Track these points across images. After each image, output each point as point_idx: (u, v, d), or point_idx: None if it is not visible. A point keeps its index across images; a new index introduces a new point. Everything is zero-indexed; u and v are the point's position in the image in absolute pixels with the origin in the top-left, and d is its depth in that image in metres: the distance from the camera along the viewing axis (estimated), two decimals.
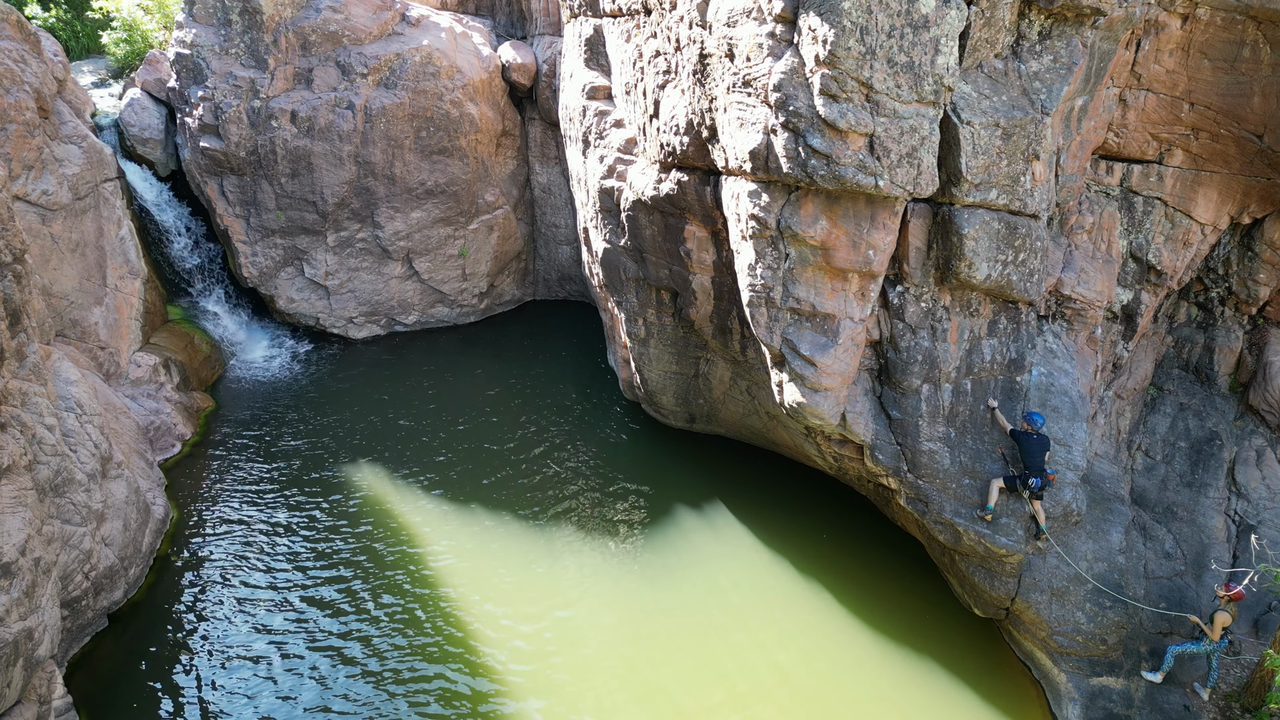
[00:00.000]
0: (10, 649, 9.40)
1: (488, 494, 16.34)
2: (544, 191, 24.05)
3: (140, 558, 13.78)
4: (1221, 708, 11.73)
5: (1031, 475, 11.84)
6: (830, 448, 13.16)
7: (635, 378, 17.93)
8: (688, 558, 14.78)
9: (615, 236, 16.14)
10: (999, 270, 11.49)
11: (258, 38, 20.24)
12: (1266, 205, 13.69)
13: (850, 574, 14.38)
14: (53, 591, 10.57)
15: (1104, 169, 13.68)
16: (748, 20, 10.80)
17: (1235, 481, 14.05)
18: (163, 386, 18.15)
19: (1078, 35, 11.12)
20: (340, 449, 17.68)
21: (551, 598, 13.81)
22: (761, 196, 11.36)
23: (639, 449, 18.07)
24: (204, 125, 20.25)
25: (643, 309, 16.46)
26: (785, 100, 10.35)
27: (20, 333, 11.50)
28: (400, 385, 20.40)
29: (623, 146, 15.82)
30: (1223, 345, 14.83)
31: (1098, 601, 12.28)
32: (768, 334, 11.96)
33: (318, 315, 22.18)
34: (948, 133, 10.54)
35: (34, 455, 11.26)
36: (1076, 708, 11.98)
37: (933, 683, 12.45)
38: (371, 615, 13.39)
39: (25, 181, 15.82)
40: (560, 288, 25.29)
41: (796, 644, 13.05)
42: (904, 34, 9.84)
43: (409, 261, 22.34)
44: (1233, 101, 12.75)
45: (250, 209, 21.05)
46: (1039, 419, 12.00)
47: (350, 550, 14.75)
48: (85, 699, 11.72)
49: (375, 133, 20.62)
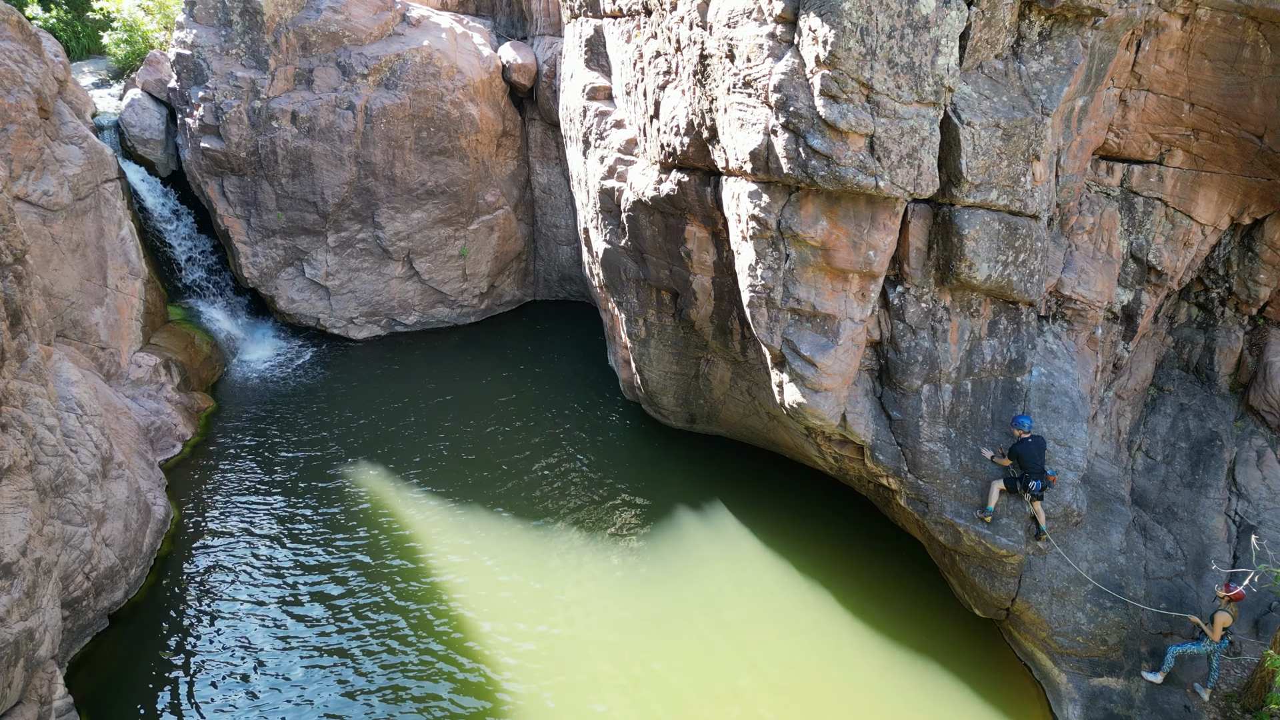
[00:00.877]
0: (11, 649, 9.41)
1: (487, 494, 16.35)
2: (544, 192, 24.06)
3: (141, 558, 13.78)
4: (1222, 708, 11.73)
5: (1032, 478, 11.84)
6: (830, 448, 13.16)
7: (635, 378, 17.94)
8: (688, 558, 14.79)
9: (616, 237, 16.14)
10: (999, 271, 11.49)
11: (258, 38, 20.26)
12: (1267, 205, 13.69)
13: (851, 574, 14.39)
14: (53, 592, 10.58)
15: (1104, 169, 13.68)
16: (748, 21, 10.80)
17: (1235, 482, 14.05)
18: (163, 387, 18.16)
19: (1078, 36, 11.13)
20: (340, 449, 17.69)
21: (551, 597, 13.81)
22: (762, 197, 11.36)
23: (639, 449, 18.08)
24: (204, 126, 20.26)
25: (643, 309, 16.46)
26: (786, 101, 10.36)
27: (21, 333, 11.51)
28: (401, 386, 20.41)
29: (623, 147, 15.83)
30: (1223, 345, 14.83)
31: (1098, 602, 12.28)
32: (768, 334, 11.96)
33: (318, 315, 22.19)
34: (948, 133, 10.55)
35: (35, 456, 11.27)
36: (1077, 708, 11.98)
37: (933, 683, 12.45)
38: (372, 615, 13.39)
39: (26, 182, 15.83)
40: (561, 288, 25.30)
41: (797, 644, 13.05)
42: (904, 34, 9.85)
43: (409, 262, 22.36)
44: (1233, 102, 12.76)
45: (251, 209, 21.07)
46: (1026, 421, 11.88)
47: (351, 550, 14.76)
48: (86, 699, 11.73)
49: (376, 133, 20.63)
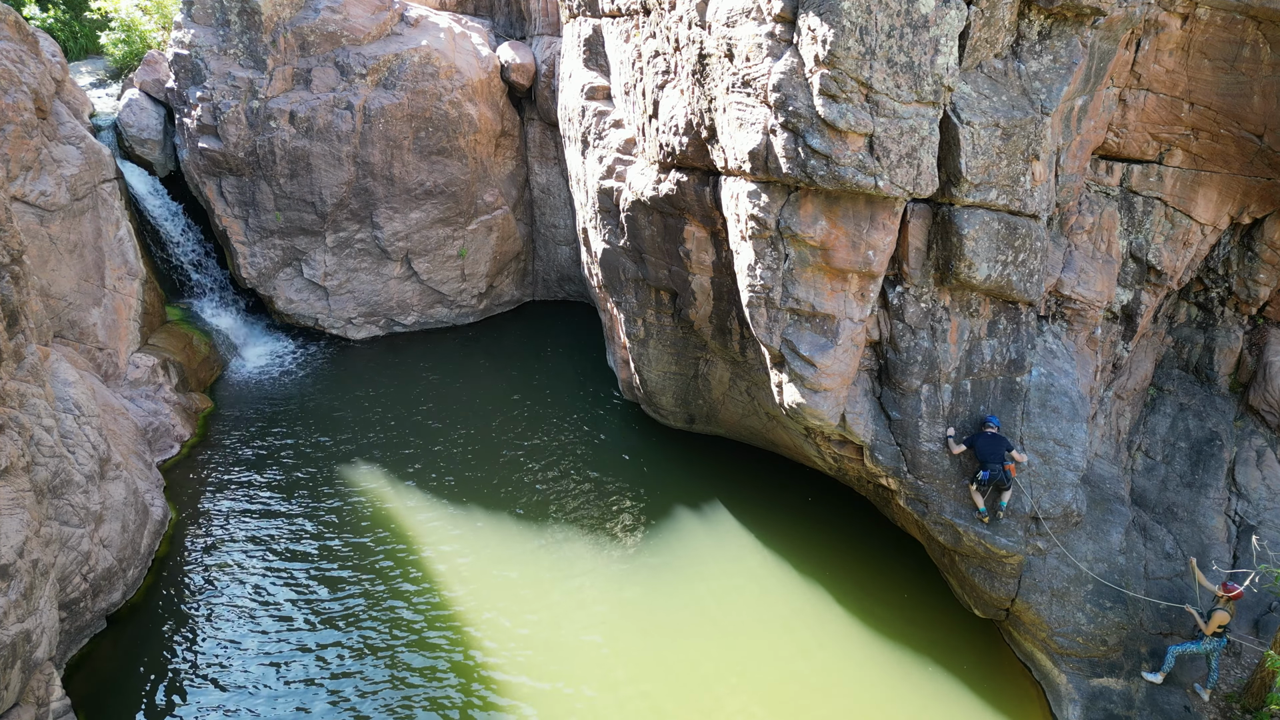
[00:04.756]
0: (8, 651, 9.37)
1: (486, 494, 16.32)
2: (543, 192, 24.03)
3: (139, 559, 13.75)
4: (1222, 708, 11.71)
5: (980, 469, 11.91)
6: (830, 448, 13.14)
7: (634, 378, 17.91)
8: (686, 558, 14.77)
9: (614, 237, 16.12)
10: (999, 270, 11.48)
11: (256, 38, 20.22)
12: (1266, 205, 13.68)
13: (850, 575, 14.37)
14: (51, 593, 10.55)
15: (1104, 169, 13.66)
16: (747, 20, 10.78)
17: (1235, 482, 14.03)
18: (161, 387, 18.12)
19: (1077, 35, 11.11)
20: (338, 450, 17.66)
21: (549, 597, 13.79)
22: (761, 197, 11.34)
23: (638, 450, 18.05)
24: (202, 126, 20.22)
25: (642, 309, 16.44)
26: (785, 100, 10.34)
27: (18, 334, 11.48)
28: (399, 386, 20.38)
29: (622, 147, 15.81)
30: (1223, 345, 14.82)
31: (1098, 602, 12.27)
32: (767, 334, 11.94)
33: (316, 316, 22.16)
34: (947, 133, 10.52)
35: (32, 457, 11.23)
36: (1076, 708, 11.97)
37: (933, 683, 12.44)
38: (371, 615, 13.37)
39: (23, 182, 15.80)
40: (559, 288, 25.27)
41: (795, 644, 13.04)
42: (904, 34, 9.83)
43: (408, 262, 22.32)
44: (1232, 101, 12.74)
45: (249, 209, 21.03)
46: (994, 420, 12.17)
47: (349, 551, 14.73)
48: (84, 701, 11.70)
49: (374, 133, 20.60)
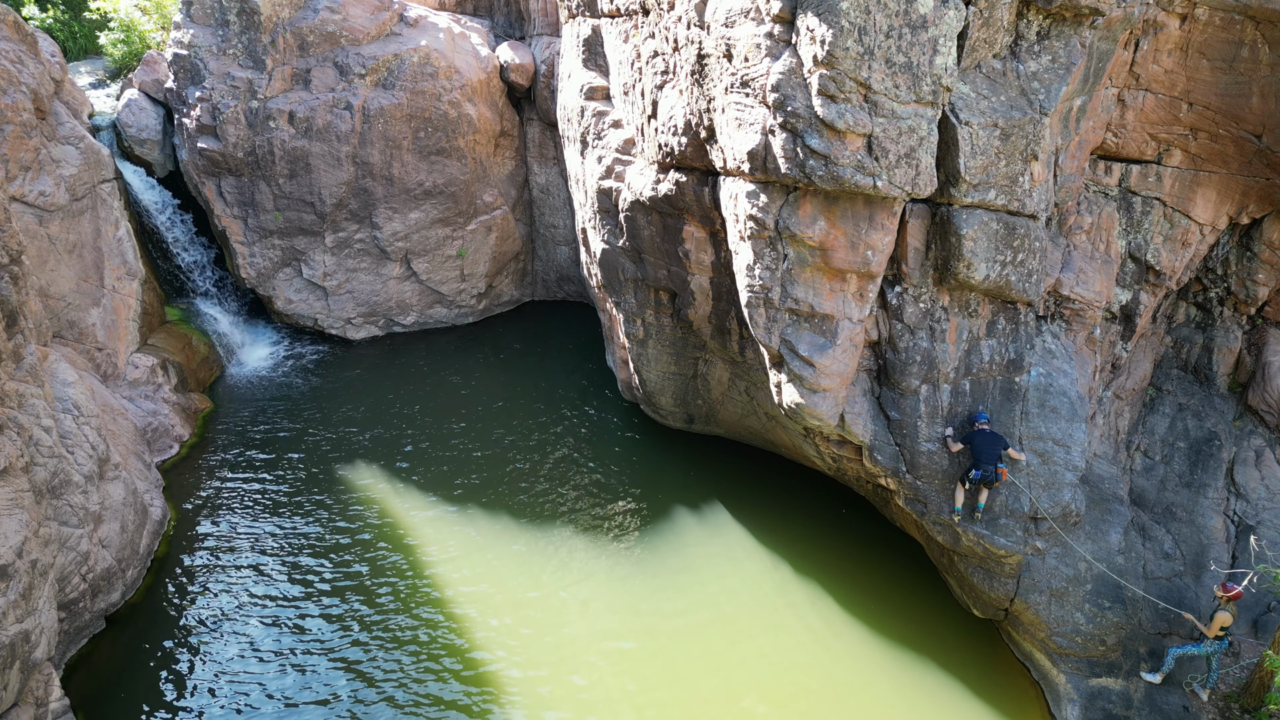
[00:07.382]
0: (7, 651, 9.37)
1: (485, 494, 16.32)
2: (542, 192, 24.03)
3: (138, 559, 13.75)
4: (1221, 708, 11.71)
5: (974, 467, 11.81)
6: (829, 448, 13.14)
7: (634, 378, 17.91)
8: (686, 558, 14.77)
9: (613, 237, 16.12)
10: (998, 270, 11.48)
11: (255, 38, 20.22)
12: (1265, 205, 13.67)
13: (849, 575, 14.37)
14: (50, 594, 10.54)
15: (1103, 169, 13.66)
16: (746, 20, 10.78)
17: (1234, 482, 14.03)
18: (160, 388, 18.12)
19: (1076, 35, 11.11)
20: (338, 450, 17.66)
21: (550, 598, 13.79)
22: (760, 197, 11.34)
23: (637, 450, 18.06)
24: (202, 126, 20.22)
25: (641, 310, 16.44)
26: (783, 101, 10.34)
27: (17, 334, 11.48)
28: (398, 386, 20.38)
29: (621, 147, 15.80)
30: (1221, 345, 14.81)
31: (1097, 602, 12.27)
32: (766, 335, 11.94)
33: (316, 316, 22.16)
34: (946, 133, 10.53)
35: (31, 457, 11.23)
36: (1075, 708, 11.97)
37: (932, 683, 12.44)
38: (370, 615, 13.37)
39: (22, 182, 15.79)
40: (559, 288, 25.27)
41: (794, 643, 13.04)
42: (902, 34, 9.83)
43: (407, 262, 22.32)
44: (1231, 101, 12.74)
45: (248, 210, 21.03)
46: (983, 416, 12.06)
47: (349, 550, 14.73)
48: (83, 701, 11.70)
49: (373, 133, 20.60)
